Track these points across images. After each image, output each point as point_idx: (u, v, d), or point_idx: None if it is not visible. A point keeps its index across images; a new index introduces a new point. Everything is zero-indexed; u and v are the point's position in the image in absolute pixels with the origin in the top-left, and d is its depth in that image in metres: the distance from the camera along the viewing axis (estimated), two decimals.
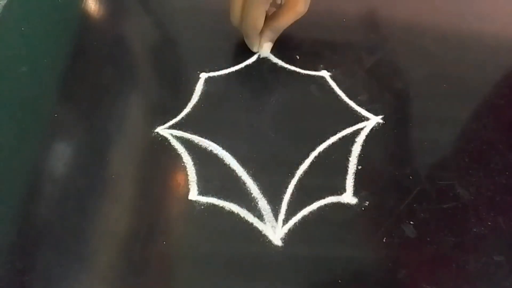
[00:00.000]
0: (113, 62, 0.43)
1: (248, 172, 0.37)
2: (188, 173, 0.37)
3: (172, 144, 0.38)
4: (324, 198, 0.36)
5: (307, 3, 0.40)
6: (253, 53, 0.43)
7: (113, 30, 0.46)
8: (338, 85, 0.41)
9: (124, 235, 0.34)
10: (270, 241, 0.34)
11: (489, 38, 0.46)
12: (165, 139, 0.38)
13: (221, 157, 0.37)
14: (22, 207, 0.35)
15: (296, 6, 0.40)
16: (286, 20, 0.41)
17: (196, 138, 0.38)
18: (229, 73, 0.42)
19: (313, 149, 0.38)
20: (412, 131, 0.39)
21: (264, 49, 0.43)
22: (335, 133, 0.39)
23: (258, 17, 0.40)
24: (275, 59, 0.43)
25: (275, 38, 0.43)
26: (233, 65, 0.42)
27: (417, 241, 0.34)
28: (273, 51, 0.43)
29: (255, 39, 0.42)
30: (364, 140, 0.38)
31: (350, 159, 0.37)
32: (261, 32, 0.42)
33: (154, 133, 0.38)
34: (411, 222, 0.34)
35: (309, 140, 0.38)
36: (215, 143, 0.38)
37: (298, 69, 0.42)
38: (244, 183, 0.36)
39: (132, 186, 0.36)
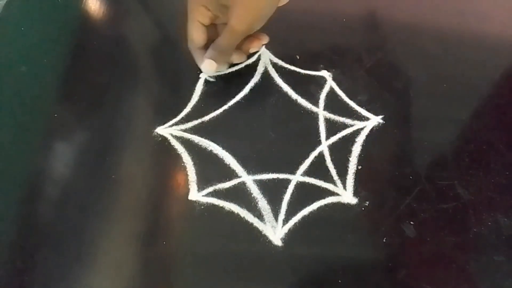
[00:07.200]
0: (113, 62, 0.43)
1: (248, 172, 0.37)
2: (188, 173, 0.37)
3: (172, 144, 0.38)
4: (324, 198, 0.36)
5: (244, 20, 0.36)
6: (253, 53, 0.43)
7: (113, 30, 0.46)
8: (338, 85, 0.41)
9: (124, 235, 0.34)
10: (270, 241, 0.34)
11: (489, 38, 0.46)
12: (165, 139, 0.38)
13: (221, 157, 0.37)
14: (22, 207, 0.35)
15: (231, 22, 0.35)
16: (224, 37, 0.37)
17: (196, 138, 0.38)
18: (229, 73, 0.42)
19: (313, 149, 0.38)
20: (412, 131, 0.39)
21: (204, 66, 0.39)
22: (335, 133, 0.39)
23: (192, 31, 0.38)
24: (275, 59, 0.43)
25: (220, 58, 0.39)
26: (233, 65, 0.42)
27: (417, 241, 0.34)
28: (273, 51, 0.43)
29: (197, 55, 0.40)
30: (364, 140, 0.38)
31: (350, 159, 0.37)
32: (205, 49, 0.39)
33: (154, 133, 0.38)
34: (411, 222, 0.34)
35: (309, 140, 0.38)
36: (215, 143, 0.38)
37: (298, 69, 0.42)
38: (244, 183, 0.36)
39: (132, 186, 0.36)
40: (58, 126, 0.39)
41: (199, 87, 0.41)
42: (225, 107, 0.40)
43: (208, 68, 0.39)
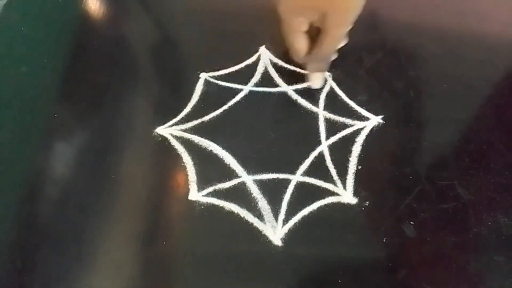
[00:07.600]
0: (113, 62, 0.43)
1: (248, 172, 0.37)
2: (188, 173, 0.37)
3: (172, 144, 0.38)
4: (324, 198, 0.36)
5: (346, 22, 0.35)
6: (253, 53, 0.43)
7: (113, 30, 0.46)
8: (338, 85, 0.41)
9: (124, 235, 0.34)
10: (270, 241, 0.34)
11: (489, 38, 0.46)
12: (165, 139, 0.38)
13: (221, 157, 0.37)
14: (22, 207, 0.35)
15: (333, 27, 0.34)
16: (327, 44, 0.36)
17: (196, 138, 0.38)
18: (229, 73, 0.42)
19: (313, 149, 0.38)
20: (412, 131, 0.39)
21: (312, 81, 0.41)
22: (335, 133, 0.39)
23: (294, 42, 0.37)
24: (275, 59, 0.43)
25: (324, 64, 0.40)
26: (233, 65, 0.42)
27: (417, 241, 0.34)
28: (273, 51, 0.43)
29: (310, 63, 0.40)
30: (364, 140, 0.38)
31: (350, 159, 0.37)
32: (307, 63, 0.40)
33: (154, 133, 0.38)
34: (411, 222, 0.34)
35: (309, 140, 0.38)
36: (215, 143, 0.38)
37: (298, 69, 0.42)
38: (244, 183, 0.36)
39: (132, 186, 0.36)
40: (58, 126, 0.39)
41: (199, 87, 0.41)
42: (225, 107, 0.40)
43: (319, 82, 0.41)
